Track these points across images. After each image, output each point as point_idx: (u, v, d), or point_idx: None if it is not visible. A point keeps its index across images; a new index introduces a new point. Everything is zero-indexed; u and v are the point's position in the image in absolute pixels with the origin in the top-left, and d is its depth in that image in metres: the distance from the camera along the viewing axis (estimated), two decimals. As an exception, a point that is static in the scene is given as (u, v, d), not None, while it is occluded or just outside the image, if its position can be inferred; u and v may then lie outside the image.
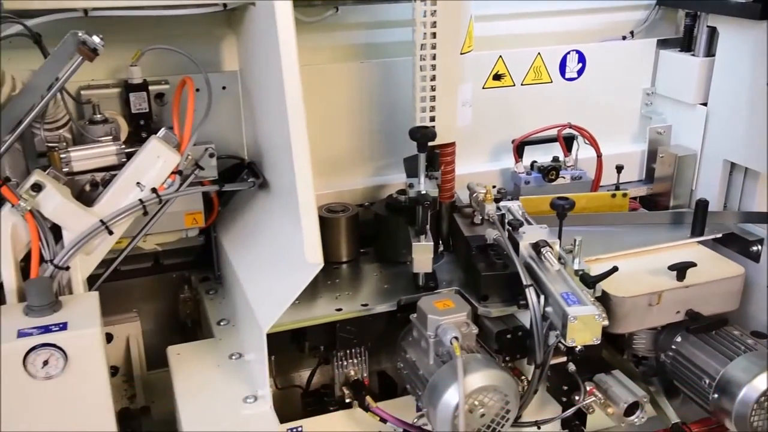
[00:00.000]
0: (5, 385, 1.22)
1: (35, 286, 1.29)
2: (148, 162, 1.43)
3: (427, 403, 1.53)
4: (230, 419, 1.35)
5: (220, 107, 1.76)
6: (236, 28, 1.78)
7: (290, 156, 1.26)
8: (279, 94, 1.27)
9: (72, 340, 1.24)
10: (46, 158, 1.52)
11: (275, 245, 1.51)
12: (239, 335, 1.58)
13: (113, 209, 1.42)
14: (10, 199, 1.33)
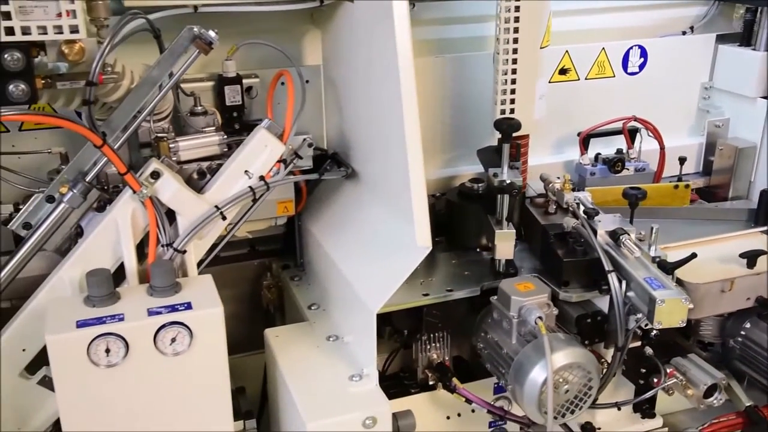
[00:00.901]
0: (136, 360, 1.29)
1: (160, 268, 1.36)
2: (257, 151, 1.50)
3: (513, 380, 1.59)
4: (339, 396, 1.42)
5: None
6: (321, 24, 1.85)
7: (401, 147, 1.32)
8: (390, 87, 1.33)
9: (197, 319, 1.32)
10: (149, 148, 1.59)
11: (368, 231, 1.58)
12: (333, 318, 1.65)
13: (223, 196, 1.49)
14: (133, 185, 1.40)
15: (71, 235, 1.51)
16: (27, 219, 1.47)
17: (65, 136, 1.76)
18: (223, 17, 1.64)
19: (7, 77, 1.22)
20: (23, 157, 1.66)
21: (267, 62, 1.83)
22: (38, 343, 1.47)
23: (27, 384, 1.49)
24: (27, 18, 1.21)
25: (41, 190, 1.49)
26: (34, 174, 1.59)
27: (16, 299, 1.54)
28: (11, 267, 1.44)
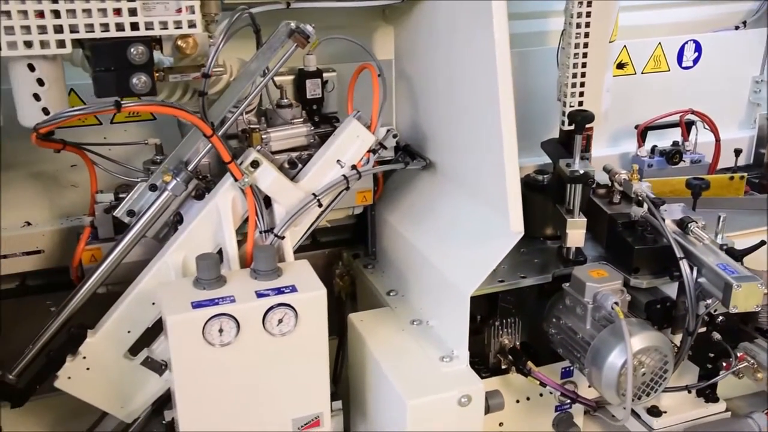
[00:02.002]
0: (246, 340, 1.36)
1: (263, 253, 1.42)
2: (349, 141, 1.56)
3: (590, 364, 1.65)
4: (433, 375, 1.48)
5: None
6: (394, 20, 1.92)
7: (495, 139, 1.39)
8: (484, 82, 1.40)
9: (303, 301, 1.38)
10: (234, 139, 1.66)
11: (451, 219, 1.63)
12: (414, 303, 1.71)
13: (316, 184, 1.55)
14: (236, 174, 1.46)
15: (170, 222, 1.57)
16: (131, 207, 1.53)
17: (153, 129, 1.83)
18: (298, 13, 1.69)
19: (132, 70, 1.28)
20: (113, 148, 1.73)
21: (339, 57, 1.90)
22: (143, 325, 1.54)
23: (130, 365, 1.55)
24: (150, 14, 1.27)
25: (142, 179, 1.55)
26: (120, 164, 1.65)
27: (112, 284, 1.61)
28: (117, 253, 1.51)
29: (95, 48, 1.26)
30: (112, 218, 1.61)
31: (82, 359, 1.51)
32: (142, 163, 1.65)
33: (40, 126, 1.30)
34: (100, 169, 1.61)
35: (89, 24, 1.24)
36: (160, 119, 1.82)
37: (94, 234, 1.62)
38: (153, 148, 1.66)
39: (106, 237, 1.62)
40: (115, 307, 1.53)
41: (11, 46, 1.21)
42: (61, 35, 1.23)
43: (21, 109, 1.31)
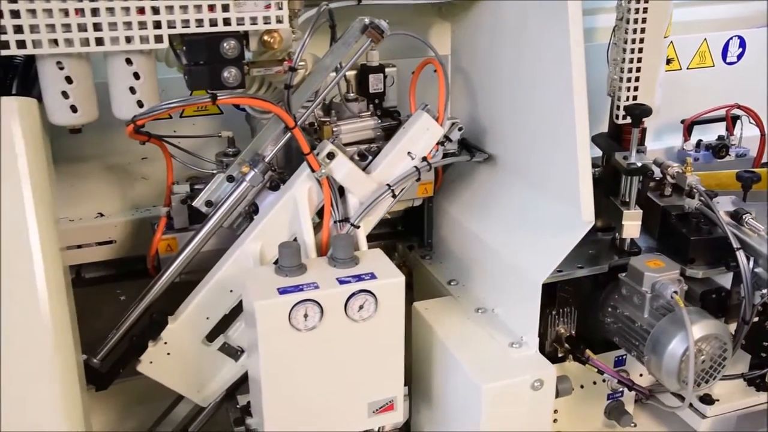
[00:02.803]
0: (329, 325, 1.40)
1: (342, 242, 1.47)
2: (419, 134, 1.60)
3: (650, 352, 1.69)
4: (504, 361, 1.53)
5: (429, 88, 1.93)
6: (452, 17, 1.96)
7: (568, 133, 1.43)
8: (556, 79, 1.44)
9: (383, 288, 1.43)
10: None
11: (516, 210, 1.68)
12: (477, 292, 1.75)
13: (388, 176, 1.60)
14: (313, 165, 1.51)
15: (244, 212, 1.61)
16: (209, 197, 1.58)
17: (220, 122, 1.89)
18: (357, 10, 1.74)
19: (224, 64, 1.33)
20: (182, 141, 1.78)
21: (395, 53, 1.94)
22: (221, 312, 1.59)
23: (207, 350, 1.61)
24: (241, 10, 1.32)
25: (218, 171, 1.60)
26: (190, 156, 1.70)
27: (185, 273, 1.66)
28: (197, 242, 1.56)
29: (190, 43, 1.30)
30: (187, 209, 1.66)
31: (163, 344, 1.56)
32: (215, 155, 1.70)
33: (138, 117, 1.35)
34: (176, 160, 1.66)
35: (185, 20, 1.29)
36: (227, 113, 1.88)
37: (169, 224, 1.67)
38: (225, 141, 1.71)
39: (181, 227, 1.68)
40: (194, 295, 1.58)
41: (114, 42, 1.26)
42: (159, 31, 1.28)
43: (117, 102, 1.36)
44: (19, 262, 1.22)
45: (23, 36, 1.21)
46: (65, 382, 1.25)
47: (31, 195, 1.23)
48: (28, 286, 1.22)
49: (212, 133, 1.79)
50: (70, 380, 1.26)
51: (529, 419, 1.51)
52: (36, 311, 1.22)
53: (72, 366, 1.27)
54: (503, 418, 1.49)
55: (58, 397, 1.23)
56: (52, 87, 1.29)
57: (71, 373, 1.26)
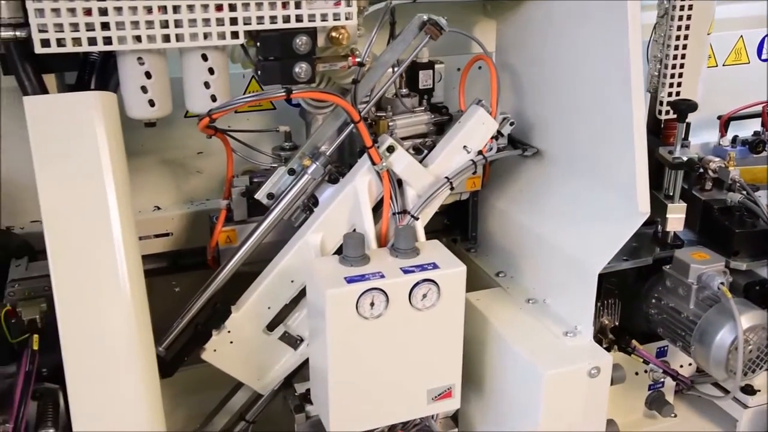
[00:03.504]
0: (394, 314, 1.45)
1: (405, 232, 1.51)
2: (475, 128, 1.64)
3: (697, 342, 1.73)
4: (561, 349, 1.57)
5: (475, 84, 1.97)
6: (498, 15, 2.01)
7: (625, 128, 1.47)
8: (615, 76, 1.48)
9: (445, 277, 1.47)
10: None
11: (565, 202, 1.71)
12: (527, 283, 1.79)
13: (444, 169, 1.64)
14: (375, 158, 1.55)
15: (303, 205, 1.65)
16: (270, 190, 1.62)
17: (273, 118, 1.93)
18: (409, 8, 1.77)
19: (296, 59, 1.37)
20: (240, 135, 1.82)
21: (440, 50, 1.98)
22: (282, 302, 1.63)
23: (268, 339, 1.65)
24: (312, 7, 1.36)
25: (278, 165, 1.64)
26: (246, 150, 1.74)
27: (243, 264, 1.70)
28: (259, 233, 1.60)
29: (265, 39, 1.35)
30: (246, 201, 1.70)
31: (226, 333, 1.60)
32: (272, 149, 1.74)
33: (214, 111, 1.39)
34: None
35: (260, 16, 1.33)
36: (280, 109, 1.92)
37: (229, 216, 1.71)
38: (281, 136, 1.75)
39: (241, 219, 1.72)
40: (256, 285, 1.62)
41: (193, 38, 1.30)
42: (235, 27, 1.32)
43: (191, 96, 1.40)
44: (103, 255, 1.26)
45: (109, 33, 1.25)
46: (148, 371, 1.29)
47: (114, 188, 1.28)
48: (112, 279, 1.27)
49: (265, 127, 1.83)
50: (152, 370, 1.30)
51: (585, 406, 1.55)
52: (120, 303, 1.27)
53: (152, 356, 1.31)
54: (562, 404, 1.53)
55: (142, 386, 1.28)
56: (132, 82, 1.34)
57: (152, 362, 1.31)
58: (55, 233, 1.25)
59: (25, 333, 1.34)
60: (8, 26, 1.24)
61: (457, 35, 1.97)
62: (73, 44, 1.23)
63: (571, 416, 1.55)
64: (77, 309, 1.25)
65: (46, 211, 1.25)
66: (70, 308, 1.24)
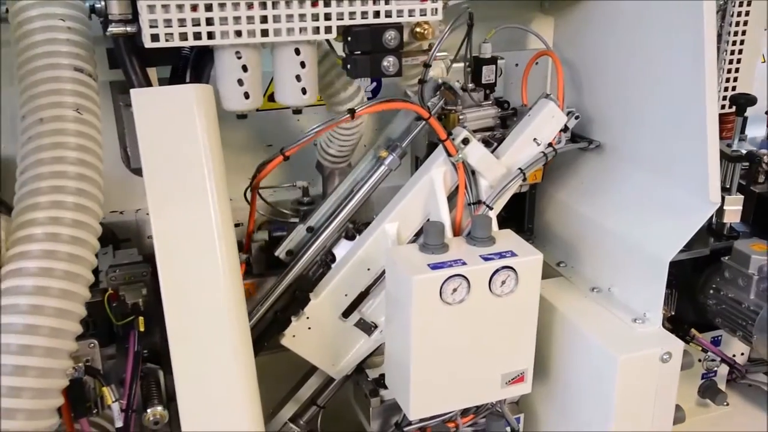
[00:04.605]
0: (474, 300, 1.50)
1: (483, 222, 1.56)
2: (545, 121, 1.69)
3: (759, 331, 1.77)
4: (631, 335, 1.61)
5: (531, 79, 2.02)
6: (555, 12, 2.06)
7: (697, 123, 1.51)
8: (688, 74, 1.54)
9: (523, 264, 1.52)
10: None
11: (630, 193, 1.75)
12: (589, 273, 1.83)
13: (515, 161, 1.69)
14: (451, 150, 1.60)
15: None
16: (290, 247, 1.71)
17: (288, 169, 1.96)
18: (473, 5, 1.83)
19: (385, 53, 1.42)
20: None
21: (499, 46, 2.02)
22: (357, 289, 1.68)
23: (344, 325, 1.70)
24: (400, 2, 1.41)
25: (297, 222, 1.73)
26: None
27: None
28: (340, 221, 1.66)
29: (357, 33, 1.40)
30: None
31: (305, 319, 1.65)
32: (290, 203, 1.81)
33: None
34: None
35: (352, 12, 1.38)
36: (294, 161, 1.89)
37: (248, 270, 1.76)
38: (300, 191, 1.84)
39: (259, 273, 1.77)
40: (335, 272, 1.67)
41: (289, 32, 1.35)
42: (329, 22, 1.37)
43: (282, 90, 1.44)
44: (203, 247, 1.32)
45: (213, 28, 1.30)
46: (246, 353, 1.34)
47: (213, 176, 1.33)
48: (213, 271, 1.31)
49: (282, 180, 1.92)
50: (249, 352, 1.35)
51: (657, 392, 1.59)
52: (220, 286, 1.32)
53: (249, 338, 1.36)
54: (635, 389, 1.57)
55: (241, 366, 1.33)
56: (229, 75, 1.39)
57: (249, 344, 1.36)
58: (160, 219, 1.30)
59: (129, 316, 1.39)
60: (119, 22, 1.30)
61: (513, 32, 2.04)
62: (180, 39, 1.29)
63: (642, 401, 1.60)
64: (181, 293, 1.30)
65: (153, 197, 1.30)
66: (175, 292, 1.29)
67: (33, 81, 1.30)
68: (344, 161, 1.83)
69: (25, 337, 1.12)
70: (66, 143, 1.26)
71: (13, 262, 1.16)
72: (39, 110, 1.27)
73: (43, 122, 1.26)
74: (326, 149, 1.78)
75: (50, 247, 1.17)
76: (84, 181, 1.25)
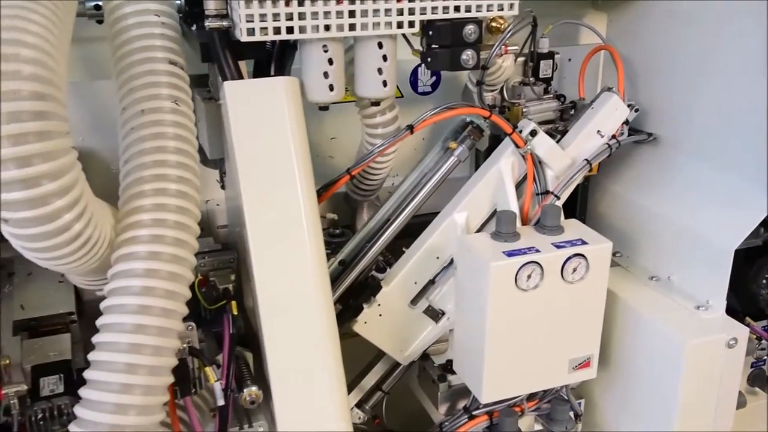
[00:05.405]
0: (547, 286, 1.54)
1: (553, 211, 1.61)
2: (608, 114, 1.73)
3: (815, 319, 1.82)
4: (696, 321, 1.65)
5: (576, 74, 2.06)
6: (609, 9, 2.10)
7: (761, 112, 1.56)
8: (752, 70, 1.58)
9: (594, 252, 1.56)
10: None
11: (690, 185, 1.79)
12: (645, 263, 1.87)
13: (580, 152, 1.73)
14: (519, 142, 1.65)
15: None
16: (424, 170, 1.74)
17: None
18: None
19: (464, 47, 1.47)
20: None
21: (552, 41, 2.07)
22: (426, 277, 1.73)
23: (412, 313, 1.75)
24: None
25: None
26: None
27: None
28: (410, 210, 1.71)
29: (439, 27, 1.44)
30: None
31: (377, 306, 1.70)
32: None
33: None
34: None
35: (434, 7, 1.43)
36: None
37: None
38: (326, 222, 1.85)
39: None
40: (405, 260, 1.72)
41: (375, 26, 1.40)
42: (412, 17, 1.42)
43: (364, 82, 1.50)
44: (292, 230, 1.37)
45: (304, 22, 1.35)
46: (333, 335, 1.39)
47: (303, 165, 1.39)
48: (301, 253, 1.37)
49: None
50: (335, 332, 1.41)
51: (722, 378, 1.64)
52: (307, 269, 1.37)
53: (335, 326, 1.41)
54: (700, 375, 1.62)
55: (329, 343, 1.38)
56: (316, 68, 1.44)
57: (334, 326, 1.41)
58: (253, 204, 1.36)
59: (219, 300, 1.44)
60: (215, 17, 1.35)
61: (564, 27, 2.08)
62: (273, 33, 1.34)
63: (707, 387, 1.64)
64: (272, 275, 1.36)
65: (246, 184, 1.36)
66: (267, 275, 1.35)
67: (131, 74, 1.35)
68: (374, 194, 1.89)
69: (139, 317, 1.17)
70: (165, 133, 1.31)
71: (123, 248, 1.22)
72: (139, 102, 1.32)
73: (144, 113, 1.31)
74: (359, 182, 1.82)
75: (157, 232, 1.23)
76: (183, 169, 1.30)
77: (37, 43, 1.04)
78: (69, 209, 1.08)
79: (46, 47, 1.06)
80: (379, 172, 1.77)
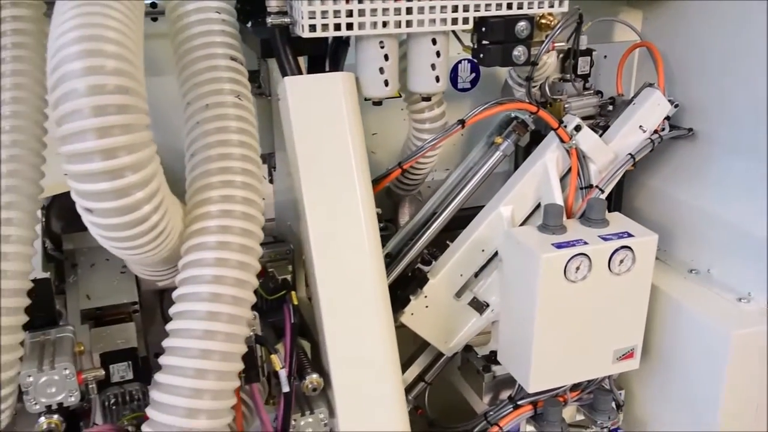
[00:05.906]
0: (595, 278, 1.57)
1: (599, 204, 1.64)
2: (651, 109, 1.77)
3: None
4: (738, 313, 1.68)
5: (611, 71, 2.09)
6: (644, 6, 2.12)
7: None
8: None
9: (640, 245, 1.60)
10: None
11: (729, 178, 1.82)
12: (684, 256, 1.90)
13: (621, 147, 1.76)
14: (564, 137, 1.68)
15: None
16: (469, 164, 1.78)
17: None
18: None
19: (516, 43, 1.50)
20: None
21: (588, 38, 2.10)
22: (472, 270, 1.77)
23: (457, 304, 1.78)
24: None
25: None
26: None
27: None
28: (457, 203, 1.74)
29: (492, 24, 1.48)
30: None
31: (423, 298, 1.74)
32: None
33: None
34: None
35: (488, 3, 1.46)
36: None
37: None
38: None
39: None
40: (451, 253, 1.75)
41: (431, 23, 1.43)
42: (467, 13, 1.46)
43: (418, 78, 1.53)
44: (352, 227, 1.41)
45: (364, 19, 1.39)
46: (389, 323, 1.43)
47: (360, 159, 1.42)
48: (359, 252, 1.41)
49: None
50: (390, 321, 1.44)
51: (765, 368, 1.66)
52: (364, 259, 1.41)
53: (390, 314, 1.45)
54: (745, 365, 1.65)
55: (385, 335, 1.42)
56: (372, 64, 1.47)
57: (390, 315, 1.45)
58: (312, 200, 1.40)
59: (278, 291, 1.48)
60: (277, 14, 1.38)
61: (600, 25, 2.11)
62: (333, 29, 1.37)
63: (752, 377, 1.67)
64: (331, 266, 1.40)
65: (305, 176, 1.39)
66: (326, 267, 1.39)
67: (194, 70, 1.38)
68: (416, 189, 1.92)
69: (211, 304, 1.20)
70: (228, 127, 1.34)
71: (193, 239, 1.25)
72: (203, 97, 1.36)
73: (208, 108, 1.35)
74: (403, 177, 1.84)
75: (225, 223, 1.26)
76: (247, 161, 1.34)
77: (118, 38, 1.08)
78: (148, 201, 1.12)
79: (127, 42, 1.09)
80: (424, 167, 1.80)
